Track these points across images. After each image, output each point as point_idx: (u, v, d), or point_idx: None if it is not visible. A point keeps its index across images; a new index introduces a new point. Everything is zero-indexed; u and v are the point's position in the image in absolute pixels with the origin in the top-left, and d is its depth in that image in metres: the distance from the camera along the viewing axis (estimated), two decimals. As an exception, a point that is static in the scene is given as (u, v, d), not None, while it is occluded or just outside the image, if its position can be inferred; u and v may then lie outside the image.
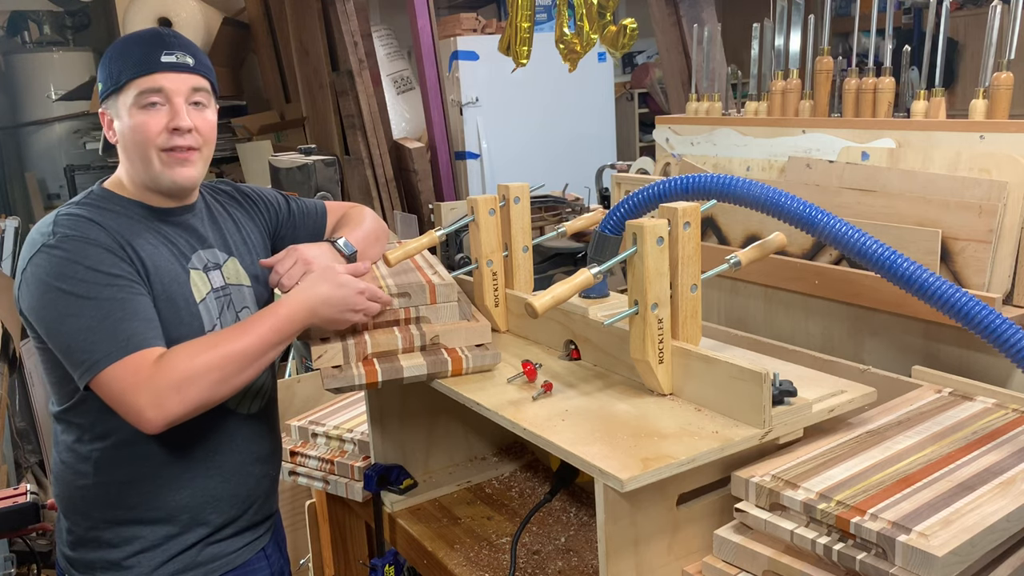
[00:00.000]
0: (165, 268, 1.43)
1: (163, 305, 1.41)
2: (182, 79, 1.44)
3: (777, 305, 1.83)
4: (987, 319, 1.20)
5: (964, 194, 1.50)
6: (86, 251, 1.35)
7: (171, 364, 1.30)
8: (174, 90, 1.43)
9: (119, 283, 1.35)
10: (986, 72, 1.59)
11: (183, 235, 1.50)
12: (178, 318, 1.43)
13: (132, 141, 1.44)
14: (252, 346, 1.35)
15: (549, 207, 3.29)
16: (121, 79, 1.42)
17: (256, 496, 1.58)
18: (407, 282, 1.52)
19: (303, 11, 5.21)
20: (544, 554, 1.46)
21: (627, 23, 2.37)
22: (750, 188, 1.36)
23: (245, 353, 1.34)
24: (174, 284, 1.44)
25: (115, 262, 1.36)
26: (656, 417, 1.20)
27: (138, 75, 1.42)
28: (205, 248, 1.53)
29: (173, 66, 1.43)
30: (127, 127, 1.43)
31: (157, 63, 1.42)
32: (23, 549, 2.46)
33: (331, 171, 3.45)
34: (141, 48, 1.43)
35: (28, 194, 6.18)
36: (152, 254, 1.43)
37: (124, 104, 1.43)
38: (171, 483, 1.46)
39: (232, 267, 1.55)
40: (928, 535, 0.94)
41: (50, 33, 6.44)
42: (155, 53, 1.43)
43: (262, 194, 1.71)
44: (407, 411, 1.71)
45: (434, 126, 4.87)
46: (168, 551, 1.47)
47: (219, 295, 1.50)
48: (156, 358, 1.31)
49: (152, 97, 1.42)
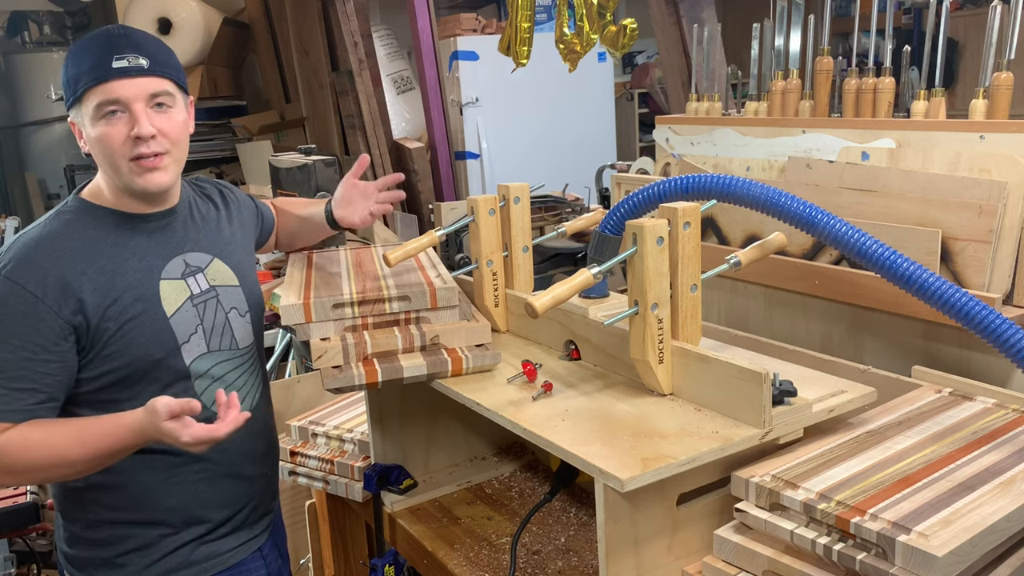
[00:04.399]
0: (126, 289, 1.41)
1: (129, 327, 1.40)
2: (137, 84, 1.37)
3: (777, 305, 1.83)
4: (987, 319, 1.20)
5: (964, 194, 1.50)
6: (7, 300, 1.34)
7: (3, 449, 1.31)
8: (131, 97, 1.37)
9: (15, 343, 1.33)
10: (986, 72, 1.59)
11: (159, 242, 1.48)
12: (146, 336, 1.42)
13: (99, 152, 1.41)
14: (82, 461, 1.33)
15: (549, 207, 3.29)
16: (78, 89, 1.38)
17: (251, 496, 1.57)
18: (408, 283, 1.52)
19: (303, 11, 5.21)
20: (544, 554, 1.46)
21: (627, 23, 2.36)
22: (750, 188, 1.36)
23: (73, 463, 1.33)
24: (138, 303, 1.42)
25: (29, 317, 1.34)
26: (656, 417, 1.20)
27: (92, 85, 1.37)
28: (187, 252, 1.51)
29: (126, 71, 1.36)
30: (92, 138, 1.40)
31: (108, 70, 1.36)
32: (23, 549, 2.46)
33: (331, 171, 3.45)
34: (92, 55, 1.38)
35: (28, 194, 6.19)
36: (110, 279, 1.40)
37: (86, 115, 1.39)
38: (162, 486, 1.47)
39: (217, 268, 1.54)
40: (928, 535, 0.94)
41: (50, 33, 6.44)
42: (106, 59, 1.36)
43: (238, 195, 1.73)
44: (407, 411, 1.71)
45: (434, 126, 4.87)
46: (161, 550, 1.47)
47: (201, 299, 1.49)
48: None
49: (110, 107, 1.37)
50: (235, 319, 1.54)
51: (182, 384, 1.46)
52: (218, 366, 1.50)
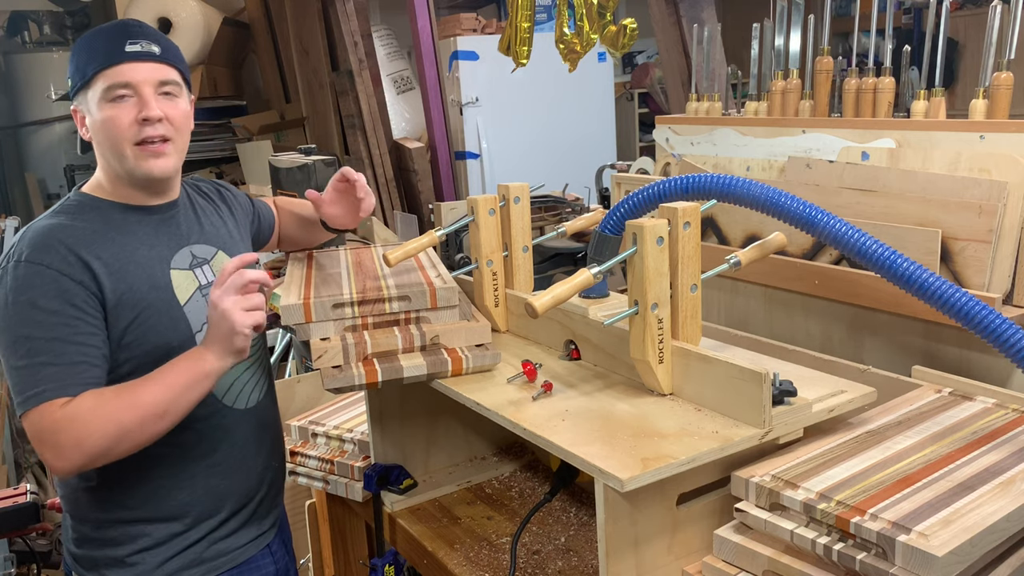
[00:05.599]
0: (140, 276, 1.42)
1: (146, 315, 1.40)
2: (149, 68, 1.41)
3: (777, 305, 1.83)
4: (987, 319, 1.20)
5: (964, 194, 1.50)
6: (33, 282, 1.33)
7: (73, 417, 1.28)
8: (141, 80, 1.40)
9: (54, 320, 1.32)
10: (986, 72, 1.59)
11: (165, 234, 1.49)
12: (163, 324, 1.42)
13: (103, 136, 1.41)
14: (158, 398, 1.30)
15: (549, 207, 3.29)
16: (88, 72, 1.40)
17: (260, 491, 1.58)
18: (408, 283, 1.52)
19: (303, 11, 5.21)
20: (544, 554, 1.46)
21: (627, 23, 2.36)
22: (750, 188, 1.36)
23: (155, 404, 1.30)
24: (152, 291, 1.42)
25: (60, 293, 1.33)
26: (656, 417, 1.20)
27: (104, 67, 1.39)
28: (192, 243, 1.52)
29: (138, 55, 1.40)
30: (97, 122, 1.41)
31: (122, 53, 1.39)
32: (23, 549, 2.46)
33: (331, 171, 3.45)
34: (105, 40, 1.41)
35: (28, 194, 6.19)
36: (124, 266, 1.40)
37: (93, 99, 1.40)
38: (173, 482, 1.47)
39: (222, 260, 1.55)
40: (928, 535, 0.94)
41: (50, 33, 6.45)
42: (119, 44, 1.39)
43: (236, 193, 1.73)
44: (407, 411, 1.71)
45: (434, 126, 4.87)
46: (173, 548, 1.47)
47: (208, 291, 1.49)
48: (60, 408, 1.28)
49: (120, 91, 1.39)
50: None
51: None
52: None
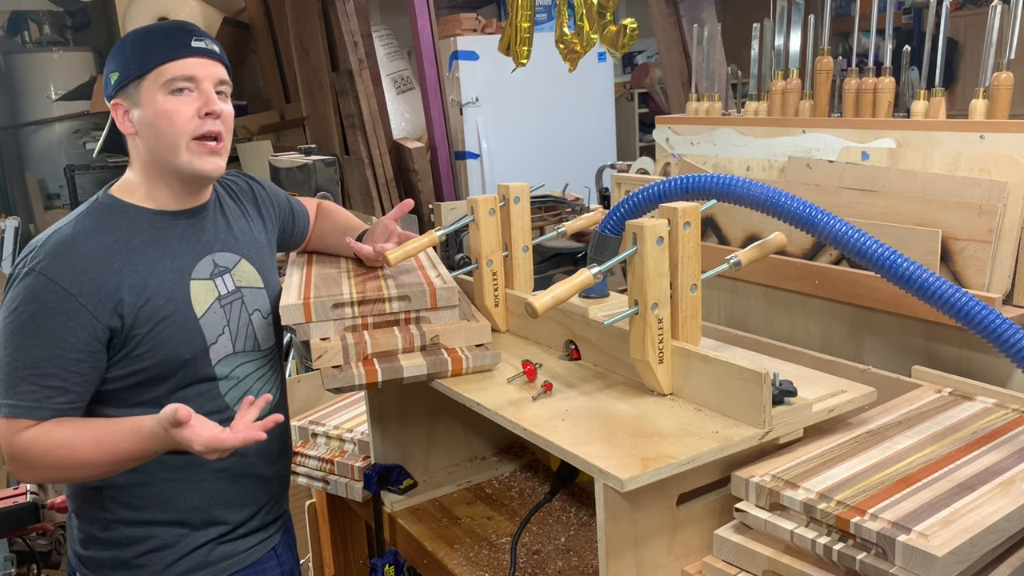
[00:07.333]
0: (160, 289, 1.41)
1: (160, 327, 1.40)
2: (212, 66, 1.43)
3: (777, 305, 1.83)
4: (987, 319, 1.20)
5: (964, 194, 1.50)
6: (41, 296, 1.34)
7: (26, 447, 1.32)
8: (205, 76, 1.41)
9: (48, 341, 1.33)
10: (986, 72, 1.59)
11: (190, 240, 1.48)
12: (177, 337, 1.42)
13: (159, 128, 1.40)
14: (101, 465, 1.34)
15: (549, 207, 3.29)
16: (147, 65, 1.39)
17: (267, 496, 1.58)
18: (408, 283, 1.52)
19: (303, 11, 5.21)
20: (544, 554, 1.46)
21: (627, 23, 2.37)
22: (750, 188, 1.36)
23: (93, 466, 1.34)
24: (170, 304, 1.42)
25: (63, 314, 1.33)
26: (656, 417, 1.20)
27: (168, 60, 1.39)
28: (215, 252, 1.51)
29: (204, 52, 1.42)
30: (153, 114, 1.39)
31: (188, 48, 1.40)
32: (23, 549, 2.46)
33: (331, 171, 3.46)
34: (167, 35, 1.42)
35: (28, 194, 6.19)
36: (144, 279, 1.40)
37: (149, 90, 1.39)
38: (181, 486, 1.46)
39: (244, 269, 1.54)
40: (928, 535, 0.94)
41: (50, 33, 6.45)
42: (185, 39, 1.41)
43: (272, 192, 1.72)
44: (407, 411, 1.71)
45: (434, 126, 4.87)
46: (179, 550, 1.47)
47: (228, 300, 1.49)
48: (22, 432, 1.32)
49: (182, 83, 1.39)
50: (258, 321, 1.54)
51: (207, 384, 1.46)
52: (241, 367, 1.50)
